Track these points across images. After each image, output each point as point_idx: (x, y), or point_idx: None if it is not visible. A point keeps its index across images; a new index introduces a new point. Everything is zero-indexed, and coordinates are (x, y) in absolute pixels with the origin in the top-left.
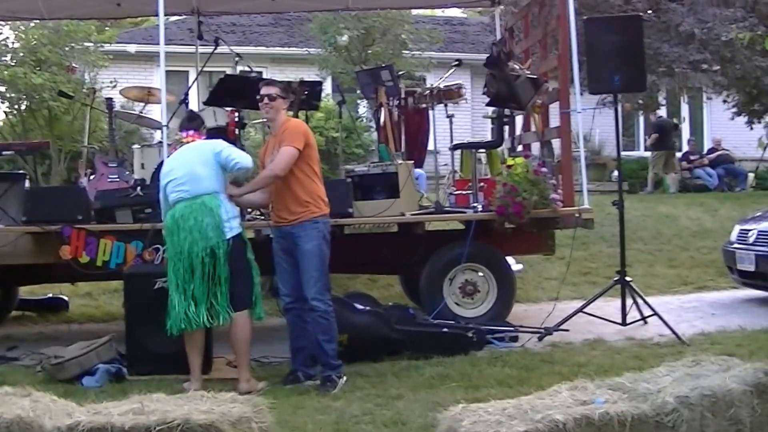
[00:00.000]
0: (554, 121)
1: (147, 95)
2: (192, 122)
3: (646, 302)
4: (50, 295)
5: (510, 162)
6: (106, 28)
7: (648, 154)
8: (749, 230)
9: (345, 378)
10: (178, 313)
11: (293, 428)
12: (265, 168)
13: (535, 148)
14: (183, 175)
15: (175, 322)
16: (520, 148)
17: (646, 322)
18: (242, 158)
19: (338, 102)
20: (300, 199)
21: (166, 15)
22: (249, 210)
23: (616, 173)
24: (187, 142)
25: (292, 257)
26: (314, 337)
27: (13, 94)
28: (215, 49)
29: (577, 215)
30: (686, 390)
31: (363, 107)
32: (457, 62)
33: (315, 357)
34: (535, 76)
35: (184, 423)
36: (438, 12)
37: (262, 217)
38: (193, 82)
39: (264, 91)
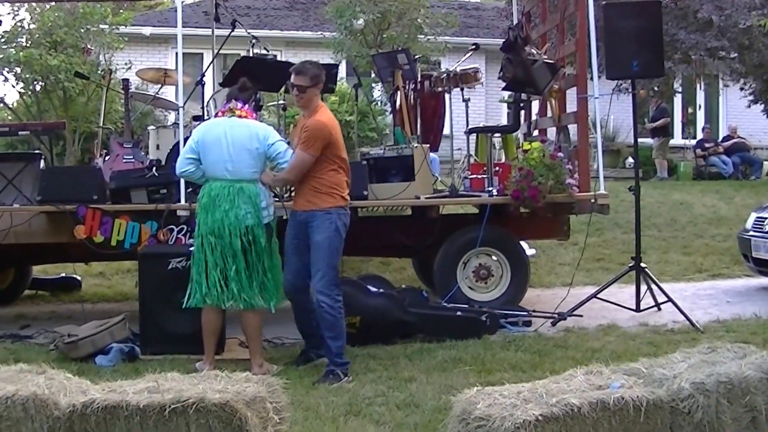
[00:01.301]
0: (571, 106)
1: (163, 76)
2: (244, 92)
3: (660, 289)
4: (63, 274)
5: (526, 146)
6: (121, 11)
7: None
8: (765, 218)
9: (351, 378)
10: (197, 289)
11: (306, 409)
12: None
13: (551, 133)
14: (228, 153)
15: (194, 298)
16: (536, 132)
17: (659, 309)
18: (288, 159)
19: (354, 85)
20: (316, 189)
21: None
22: None
23: (630, 160)
24: (239, 116)
25: (302, 244)
26: (321, 333)
27: (28, 75)
28: (232, 31)
29: (592, 201)
30: (702, 376)
31: (377, 91)
32: (474, 46)
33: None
34: (552, 61)
35: (198, 402)
36: None
37: (277, 199)
38: (210, 64)
39: (294, 80)
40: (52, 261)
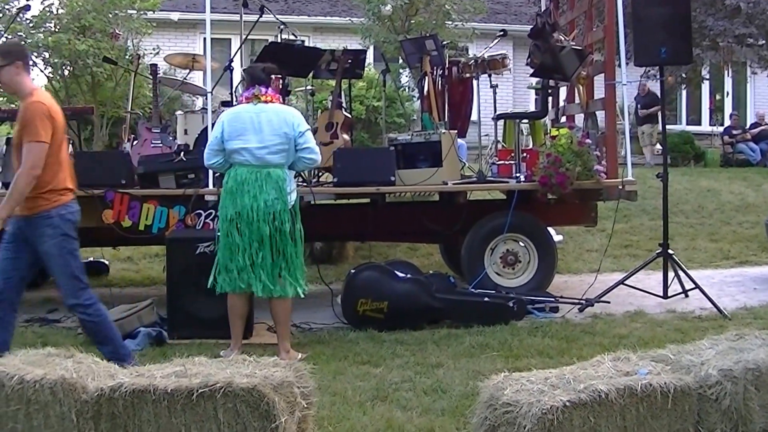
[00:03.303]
0: (599, 92)
1: (191, 62)
2: (270, 75)
3: (688, 275)
4: (91, 258)
5: (554, 133)
6: None
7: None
8: None
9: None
10: (224, 274)
11: (334, 393)
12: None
13: (579, 119)
14: (256, 138)
15: (222, 283)
16: (563, 119)
17: (687, 296)
18: (315, 155)
19: (382, 71)
20: (34, 191)
21: None
22: None
23: (658, 146)
24: (266, 101)
25: (21, 247)
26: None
27: (56, 60)
28: (260, 16)
29: (620, 187)
30: (730, 363)
31: (405, 77)
32: (502, 32)
33: None
34: (580, 48)
35: (226, 386)
36: None
37: (305, 184)
38: (238, 49)
39: None
40: (80, 245)
